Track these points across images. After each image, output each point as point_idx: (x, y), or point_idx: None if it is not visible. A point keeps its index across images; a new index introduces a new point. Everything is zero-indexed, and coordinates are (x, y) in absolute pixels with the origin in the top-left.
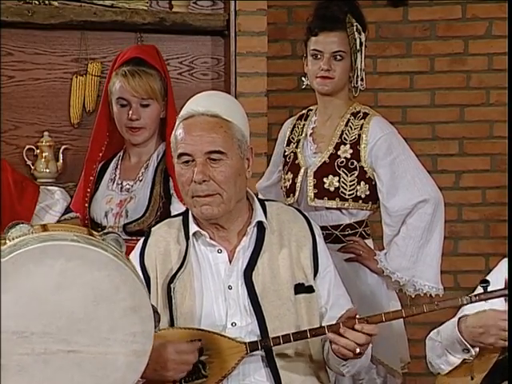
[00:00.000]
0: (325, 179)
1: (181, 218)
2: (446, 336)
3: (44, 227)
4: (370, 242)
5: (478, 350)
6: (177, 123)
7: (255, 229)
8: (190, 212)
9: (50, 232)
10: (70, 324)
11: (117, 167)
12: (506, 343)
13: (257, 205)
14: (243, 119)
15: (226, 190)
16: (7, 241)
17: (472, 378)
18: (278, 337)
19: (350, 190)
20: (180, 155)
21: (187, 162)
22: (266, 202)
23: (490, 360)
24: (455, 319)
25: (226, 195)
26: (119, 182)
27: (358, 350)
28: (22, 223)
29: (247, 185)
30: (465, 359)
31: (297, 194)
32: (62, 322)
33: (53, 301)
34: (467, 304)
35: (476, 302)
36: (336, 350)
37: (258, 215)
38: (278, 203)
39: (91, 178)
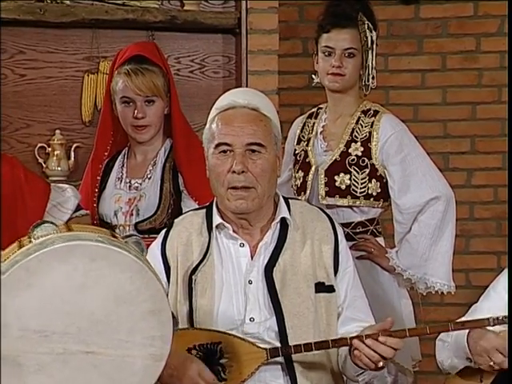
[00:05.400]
0: (336, 177)
1: (204, 210)
2: (454, 339)
3: (68, 227)
4: (381, 240)
5: None
6: (212, 115)
7: (278, 225)
8: (214, 204)
9: (75, 232)
10: (90, 325)
11: (123, 166)
12: (492, 368)
13: (281, 202)
14: (277, 118)
15: (261, 184)
16: (32, 239)
17: (481, 381)
18: (300, 345)
19: (361, 188)
20: (218, 145)
21: (225, 151)
22: (289, 200)
23: None
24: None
25: (260, 189)
26: (127, 181)
27: (381, 364)
28: (47, 222)
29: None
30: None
31: (308, 192)
32: (83, 323)
33: (75, 301)
34: (494, 325)
35: (503, 324)
36: (358, 358)
37: (282, 211)
38: (302, 202)
39: (98, 177)
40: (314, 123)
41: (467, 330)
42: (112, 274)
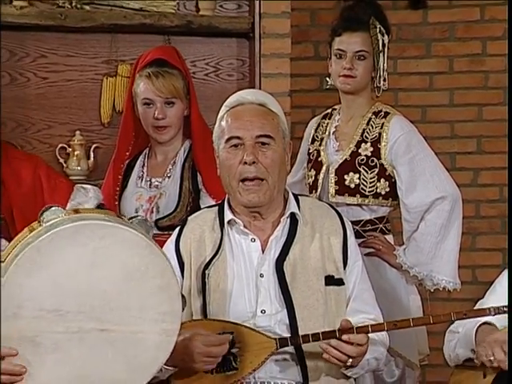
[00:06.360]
0: (346, 176)
1: (217, 207)
2: (464, 331)
3: (76, 211)
4: (390, 238)
5: None
6: (222, 113)
7: (288, 220)
8: (225, 201)
9: (83, 214)
10: (103, 303)
11: (144, 165)
12: (491, 364)
13: (291, 197)
14: (283, 115)
15: (272, 175)
16: (42, 223)
17: (485, 376)
18: (308, 335)
19: (370, 187)
20: (229, 139)
21: (236, 145)
22: (299, 197)
23: None
24: (480, 320)
25: (271, 181)
26: (148, 180)
27: (349, 362)
28: (56, 206)
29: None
30: (471, 359)
31: (319, 190)
32: (96, 301)
33: (87, 279)
34: (495, 315)
35: (503, 313)
36: (327, 360)
37: (292, 207)
38: (312, 198)
39: (119, 176)
40: (327, 123)
41: (478, 323)
42: (120, 251)
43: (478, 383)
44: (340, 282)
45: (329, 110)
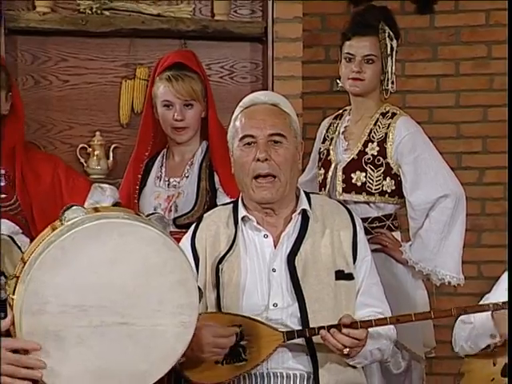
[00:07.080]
0: (352, 175)
1: (231, 205)
2: (479, 319)
3: (95, 209)
4: (397, 235)
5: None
6: (236, 113)
7: (300, 216)
8: (239, 198)
9: (102, 212)
10: (123, 297)
11: (162, 165)
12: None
13: (302, 194)
14: (295, 115)
15: (284, 172)
16: (63, 222)
17: (494, 365)
18: (314, 328)
19: (376, 185)
20: (243, 137)
21: (249, 143)
22: (310, 194)
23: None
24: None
25: (283, 178)
26: (166, 179)
27: (345, 351)
28: (76, 205)
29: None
30: (489, 346)
31: (327, 188)
32: (117, 296)
33: (108, 275)
34: (494, 310)
35: (501, 309)
36: (325, 345)
37: (303, 203)
38: (322, 196)
39: (139, 175)
40: (338, 124)
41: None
42: (140, 247)
43: (488, 371)
44: (350, 277)
45: (340, 111)
